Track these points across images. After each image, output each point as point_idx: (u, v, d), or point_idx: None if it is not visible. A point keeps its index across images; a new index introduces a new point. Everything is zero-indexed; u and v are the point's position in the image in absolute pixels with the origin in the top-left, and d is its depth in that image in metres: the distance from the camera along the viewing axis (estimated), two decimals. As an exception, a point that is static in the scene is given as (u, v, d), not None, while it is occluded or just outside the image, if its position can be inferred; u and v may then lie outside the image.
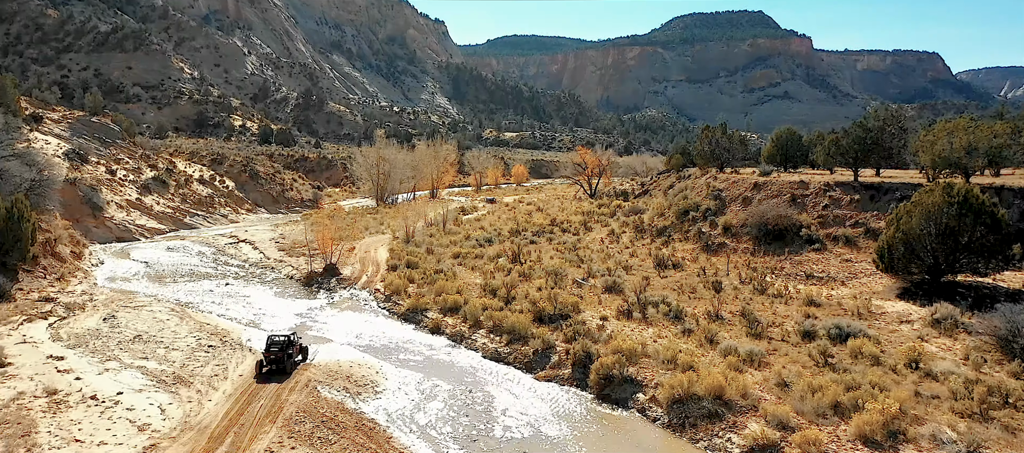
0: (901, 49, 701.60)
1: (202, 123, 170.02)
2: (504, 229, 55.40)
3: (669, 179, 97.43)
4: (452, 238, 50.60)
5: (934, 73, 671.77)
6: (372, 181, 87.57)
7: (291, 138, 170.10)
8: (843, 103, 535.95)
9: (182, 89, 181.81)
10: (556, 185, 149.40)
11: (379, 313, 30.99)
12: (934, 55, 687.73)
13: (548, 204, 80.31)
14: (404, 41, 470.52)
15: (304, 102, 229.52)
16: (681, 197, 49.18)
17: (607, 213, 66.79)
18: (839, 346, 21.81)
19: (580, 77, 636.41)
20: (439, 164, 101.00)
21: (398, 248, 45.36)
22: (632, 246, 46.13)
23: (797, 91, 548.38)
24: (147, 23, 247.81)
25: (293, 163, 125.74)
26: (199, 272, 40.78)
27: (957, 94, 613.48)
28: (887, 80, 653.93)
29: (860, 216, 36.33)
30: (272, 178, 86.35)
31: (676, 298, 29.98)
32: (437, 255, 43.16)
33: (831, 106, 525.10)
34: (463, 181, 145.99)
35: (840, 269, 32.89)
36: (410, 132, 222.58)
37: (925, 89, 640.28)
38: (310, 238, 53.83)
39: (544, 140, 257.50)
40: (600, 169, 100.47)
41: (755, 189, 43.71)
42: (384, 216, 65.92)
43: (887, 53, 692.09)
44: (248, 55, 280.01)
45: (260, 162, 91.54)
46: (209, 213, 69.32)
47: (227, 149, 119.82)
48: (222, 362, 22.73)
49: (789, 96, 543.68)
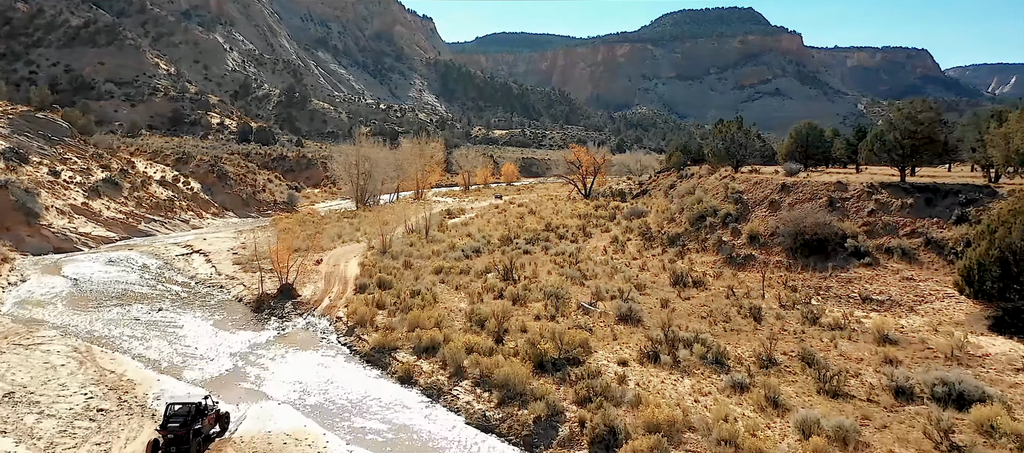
0: (890, 46, 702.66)
1: (178, 121, 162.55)
2: (494, 235, 49.39)
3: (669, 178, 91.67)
4: (435, 247, 44.47)
5: (923, 69, 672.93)
6: (351, 182, 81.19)
7: (271, 136, 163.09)
8: (834, 100, 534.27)
9: (157, 85, 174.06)
10: (548, 184, 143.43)
11: (338, 351, 24.82)
12: (923, 52, 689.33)
13: (541, 205, 74.35)
14: (391, 38, 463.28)
15: (287, 99, 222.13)
16: (694, 200, 43.30)
17: (606, 216, 60.91)
18: (954, 412, 15.92)
19: (570, 75, 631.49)
20: (424, 163, 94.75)
21: (371, 261, 39.17)
22: (641, 257, 40.23)
23: (788, 88, 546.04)
24: (123, 18, 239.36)
25: (271, 162, 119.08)
26: (133, 293, 34.39)
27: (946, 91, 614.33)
28: (877, 77, 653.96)
29: (916, 223, 30.56)
30: (242, 179, 79.72)
31: (708, 329, 24.07)
32: (416, 270, 37.01)
33: (822, 103, 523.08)
34: (451, 180, 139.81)
35: (902, 290, 27.07)
36: (397, 130, 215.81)
37: (914, 86, 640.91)
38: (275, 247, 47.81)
39: (534, 138, 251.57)
40: (595, 168, 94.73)
41: (783, 191, 37.89)
42: (362, 221, 59.62)
43: (876, 50, 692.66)
44: (230, 51, 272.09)
45: (230, 162, 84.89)
46: (168, 218, 62.71)
47: (198, 148, 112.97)
48: (106, 440, 16.51)
49: (780, 93, 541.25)
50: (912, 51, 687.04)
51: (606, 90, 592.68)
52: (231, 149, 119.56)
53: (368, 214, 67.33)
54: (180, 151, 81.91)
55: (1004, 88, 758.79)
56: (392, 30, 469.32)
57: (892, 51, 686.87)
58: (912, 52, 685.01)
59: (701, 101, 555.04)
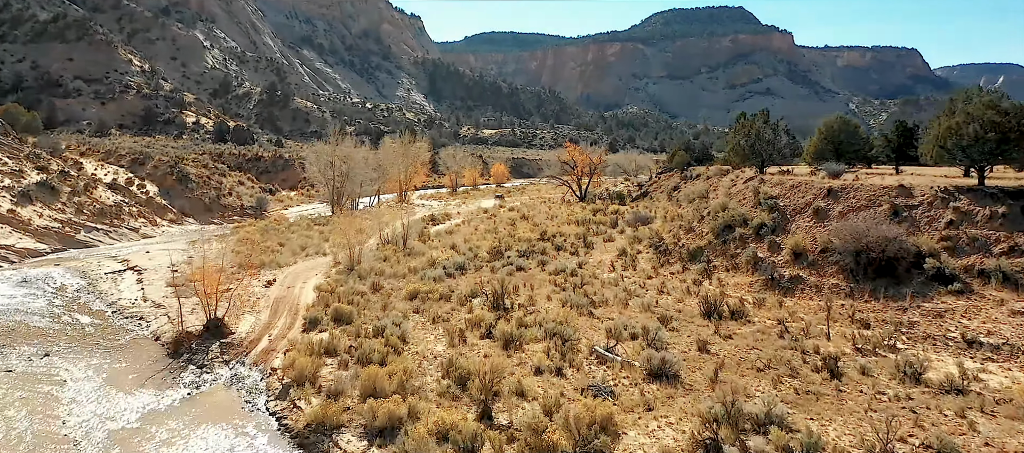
0: (880, 45, 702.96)
1: (150, 120, 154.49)
2: (482, 247, 42.74)
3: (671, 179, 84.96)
4: (412, 263, 37.69)
5: (913, 69, 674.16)
6: (327, 184, 74.08)
7: (250, 136, 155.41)
8: (825, 99, 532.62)
9: (130, 83, 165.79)
10: (539, 185, 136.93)
11: (263, 425, 17.95)
12: (913, 51, 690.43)
13: (534, 209, 67.79)
14: (378, 36, 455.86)
15: (268, 98, 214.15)
16: (718, 206, 36.76)
17: (606, 222, 54.52)
18: None
19: (560, 74, 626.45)
20: (408, 164, 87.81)
21: (332, 283, 32.32)
22: (656, 274, 33.67)
23: (779, 87, 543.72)
24: (98, 13, 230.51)
25: (245, 163, 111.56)
26: (27, 328, 27.34)
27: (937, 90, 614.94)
28: (867, 76, 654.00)
29: (1017, 239, 24.15)
30: (206, 181, 72.41)
31: (775, 392, 17.47)
32: (386, 294, 30.21)
33: (813, 102, 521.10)
34: (438, 181, 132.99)
35: (1018, 329, 20.60)
36: (382, 129, 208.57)
37: (905, 85, 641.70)
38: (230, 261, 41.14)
39: (524, 138, 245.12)
40: (591, 168, 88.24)
41: (829, 197, 31.39)
42: (334, 228, 52.62)
43: (867, 49, 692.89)
44: (210, 48, 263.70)
45: (195, 163, 77.54)
46: (114, 227, 55.42)
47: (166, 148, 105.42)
48: None
49: (771, 92, 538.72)
50: (902, 51, 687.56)
51: (596, 90, 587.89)
52: (202, 149, 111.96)
53: (342, 220, 60.42)
54: (137, 151, 74.42)
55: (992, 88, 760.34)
56: (379, 28, 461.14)
57: (882, 51, 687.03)
58: (902, 52, 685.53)
59: (692, 101, 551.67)
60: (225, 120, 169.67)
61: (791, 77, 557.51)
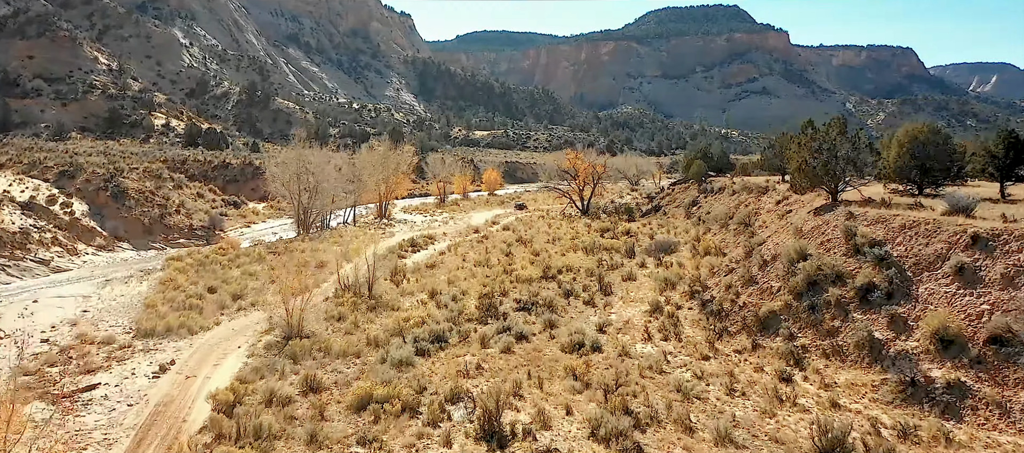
0: (875, 44, 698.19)
1: (115, 122, 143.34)
2: (470, 291, 32.92)
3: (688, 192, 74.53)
4: (374, 328, 27.57)
5: (909, 68, 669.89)
6: (292, 198, 63.69)
7: (223, 140, 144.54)
8: (822, 99, 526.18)
9: (94, 82, 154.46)
10: (534, 192, 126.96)
11: None
12: (908, 50, 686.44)
13: (532, 228, 57.78)
14: (367, 34, 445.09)
15: (247, 98, 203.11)
16: (794, 249, 26.72)
17: (619, 247, 44.89)
18: None
19: (553, 73, 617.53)
20: (387, 174, 77.46)
21: (249, 373, 22.12)
22: (714, 353, 23.72)
23: (776, 87, 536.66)
24: (68, 9, 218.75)
25: (211, 171, 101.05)
26: None
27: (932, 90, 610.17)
28: (862, 75, 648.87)
29: None
30: (147, 197, 61.84)
31: None
32: (321, 402, 20.01)
33: (811, 102, 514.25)
34: (425, 188, 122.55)
35: None
36: (368, 131, 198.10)
37: (900, 84, 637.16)
38: (132, 318, 31.96)
39: (518, 139, 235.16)
40: (595, 177, 78.40)
41: (976, 248, 21.31)
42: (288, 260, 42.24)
43: (862, 48, 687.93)
44: (190, 46, 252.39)
45: (140, 174, 66.96)
46: (15, 260, 44.87)
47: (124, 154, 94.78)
48: None
49: (768, 92, 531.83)
50: (897, 49, 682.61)
51: (590, 89, 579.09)
52: (163, 156, 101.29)
53: (304, 246, 50.07)
54: (66, 162, 63.74)
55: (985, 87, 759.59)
56: (368, 26, 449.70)
57: (877, 49, 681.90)
58: (897, 51, 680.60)
59: (687, 100, 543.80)
60: (198, 122, 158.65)
61: (787, 76, 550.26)
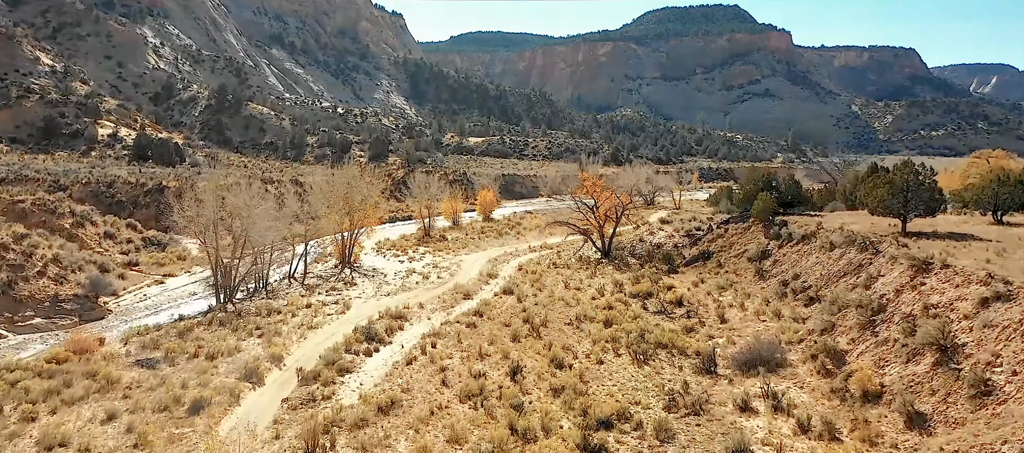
0: (877, 45, 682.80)
1: (52, 131, 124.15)
2: None
3: (750, 236, 54.06)
4: None
5: (911, 69, 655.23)
6: (208, 254, 44.98)
7: (178, 152, 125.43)
8: (826, 100, 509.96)
9: (33, 85, 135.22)
10: (536, 211, 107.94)
11: None
12: (911, 51, 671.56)
13: (543, 291, 39.11)
14: (356, 35, 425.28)
15: (217, 103, 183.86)
16: None
17: (685, 346, 25.94)
18: None
19: (549, 75, 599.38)
20: (352, 207, 58.67)
21: None
22: None
23: (778, 88, 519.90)
24: (20, 6, 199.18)
25: (144, 196, 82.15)
26: None
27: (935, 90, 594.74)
28: (865, 77, 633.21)
29: None
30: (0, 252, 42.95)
31: None
32: None
33: (814, 104, 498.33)
34: (410, 209, 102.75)
35: None
36: (351, 139, 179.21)
37: (903, 86, 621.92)
38: None
39: (515, 146, 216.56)
40: (619, 211, 59.64)
41: None
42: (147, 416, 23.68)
43: (864, 49, 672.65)
44: (161, 46, 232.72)
45: (17, 207, 48.10)
46: None
47: (39, 173, 75.81)
48: None
49: (770, 94, 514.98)
50: (899, 50, 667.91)
51: (587, 91, 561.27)
52: (77, 177, 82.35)
53: (207, 336, 31.53)
54: None
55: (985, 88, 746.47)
56: (357, 26, 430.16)
57: (879, 50, 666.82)
58: (899, 51, 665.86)
59: (687, 102, 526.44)
60: (154, 131, 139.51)
61: (790, 78, 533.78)
